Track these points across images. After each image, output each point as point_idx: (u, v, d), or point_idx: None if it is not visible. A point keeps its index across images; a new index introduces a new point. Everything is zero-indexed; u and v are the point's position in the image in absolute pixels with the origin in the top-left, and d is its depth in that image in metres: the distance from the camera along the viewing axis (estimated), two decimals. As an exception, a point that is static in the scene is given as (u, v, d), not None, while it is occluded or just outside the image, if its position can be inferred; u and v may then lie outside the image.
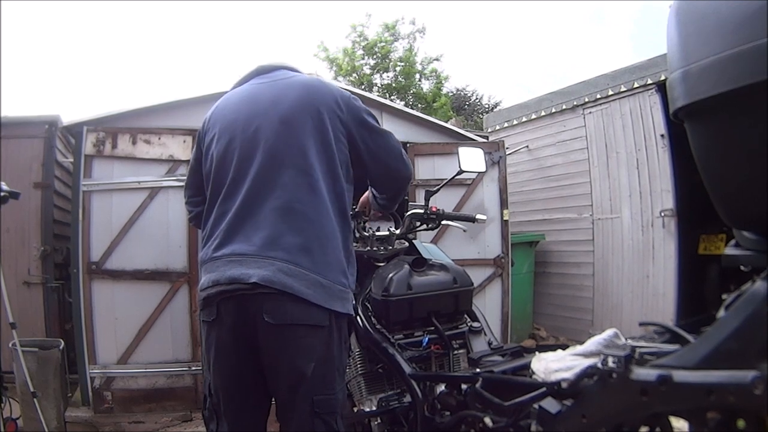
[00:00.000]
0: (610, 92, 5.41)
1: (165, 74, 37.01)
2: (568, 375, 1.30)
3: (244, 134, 1.72)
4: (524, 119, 6.57)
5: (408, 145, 4.78)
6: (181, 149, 4.08)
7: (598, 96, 5.55)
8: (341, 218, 1.72)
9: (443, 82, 18.43)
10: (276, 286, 1.55)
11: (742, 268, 1.05)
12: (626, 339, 1.35)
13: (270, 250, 1.60)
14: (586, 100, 5.69)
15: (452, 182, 2.45)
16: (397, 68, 17.45)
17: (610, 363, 1.14)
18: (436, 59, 18.04)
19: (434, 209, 2.39)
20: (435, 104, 16.50)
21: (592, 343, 1.36)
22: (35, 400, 3.29)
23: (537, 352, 1.56)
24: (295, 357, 1.59)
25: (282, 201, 1.63)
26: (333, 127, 1.73)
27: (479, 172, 2.49)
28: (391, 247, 2.40)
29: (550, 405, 1.32)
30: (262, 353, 1.63)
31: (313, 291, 1.58)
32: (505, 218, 4.94)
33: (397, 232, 2.42)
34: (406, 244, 2.49)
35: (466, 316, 2.24)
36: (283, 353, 1.60)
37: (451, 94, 19.20)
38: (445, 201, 4.02)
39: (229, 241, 1.66)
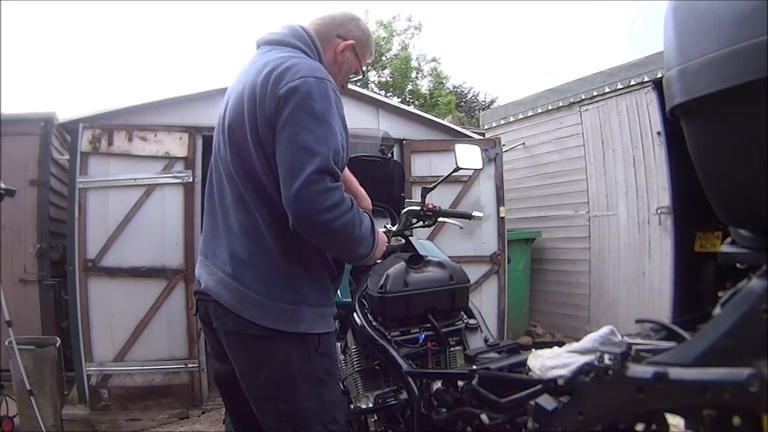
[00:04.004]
0: (607, 89, 5.42)
1: (161, 71, 36.84)
2: (565, 372, 1.31)
3: (218, 132, 1.70)
4: (521, 116, 6.58)
5: (404, 142, 4.79)
6: (178, 146, 4.06)
7: (595, 93, 5.55)
8: (275, 230, 1.55)
9: (443, 82, 18.43)
10: (213, 296, 1.59)
11: (738, 265, 1.05)
12: (622, 336, 1.36)
13: (218, 261, 1.63)
14: (583, 97, 5.70)
15: (449, 179, 2.45)
16: (392, 64, 17.41)
17: (607, 360, 1.14)
18: (434, 60, 18.04)
19: (431, 206, 2.39)
20: (440, 101, 16.41)
21: (588, 340, 1.36)
22: (32, 398, 3.29)
23: (533, 349, 1.57)
24: (245, 364, 1.62)
25: (229, 215, 1.63)
26: (263, 130, 1.51)
27: (476, 169, 2.48)
28: (387, 244, 2.39)
29: (547, 402, 1.33)
30: None
31: (243, 306, 1.54)
32: (501, 215, 4.95)
33: (394, 229, 2.41)
34: (403, 241, 2.49)
35: (462, 313, 2.24)
36: (236, 359, 1.64)
37: (447, 91, 19.22)
38: (441, 198, 4.01)
39: (205, 244, 1.72)
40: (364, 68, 1.87)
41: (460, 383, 1.73)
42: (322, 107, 1.46)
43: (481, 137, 5.93)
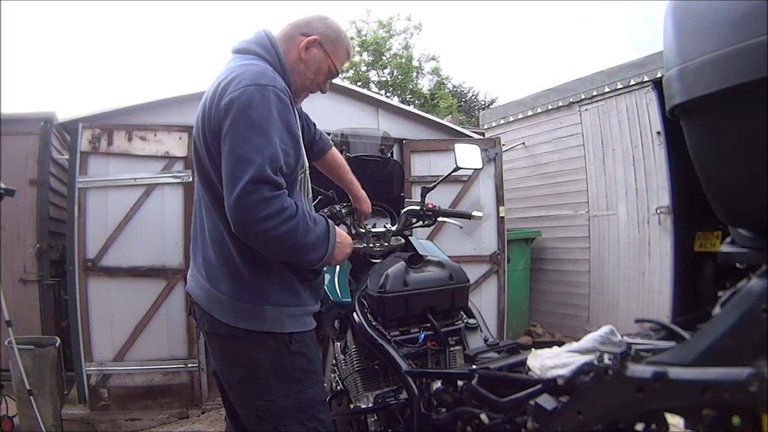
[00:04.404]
0: (607, 89, 5.42)
1: (161, 71, 36.82)
2: (564, 372, 1.31)
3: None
4: (520, 116, 6.58)
5: (404, 141, 4.79)
6: (177, 146, 4.06)
7: (595, 93, 5.55)
8: (235, 235, 1.54)
9: (444, 82, 18.45)
10: (192, 297, 1.69)
11: (737, 265, 1.05)
12: (622, 336, 1.35)
13: (197, 264, 1.71)
14: (583, 97, 5.70)
15: (448, 179, 2.45)
16: (392, 63, 17.40)
17: (606, 360, 1.14)
18: (433, 58, 18.04)
19: (430, 206, 2.39)
20: (441, 104, 16.41)
21: (588, 340, 1.36)
22: (31, 397, 3.29)
23: (533, 349, 1.57)
24: (222, 363, 1.71)
25: (203, 221, 1.70)
26: (211, 140, 1.57)
27: (476, 169, 2.49)
28: (387, 244, 2.40)
29: (546, 402, 1.33)
30: None
31: (213, 306, 1.63)
32: (501, 215, 4.96)
33: (393, 228, 2.42)
34: (402, 240, 2.49)
35: (462, 312, 2.24)
36: (214, 358, 1.74)
37: (447, 92, 19.24)
38: (441, 198, 4.02)
39: (191, 248, 1.80)
40: (339, 67, 1.82)
41: (460, 383, 1.73)
42: (260, 116, 1.48)
43: (481, 137, 5.93)
